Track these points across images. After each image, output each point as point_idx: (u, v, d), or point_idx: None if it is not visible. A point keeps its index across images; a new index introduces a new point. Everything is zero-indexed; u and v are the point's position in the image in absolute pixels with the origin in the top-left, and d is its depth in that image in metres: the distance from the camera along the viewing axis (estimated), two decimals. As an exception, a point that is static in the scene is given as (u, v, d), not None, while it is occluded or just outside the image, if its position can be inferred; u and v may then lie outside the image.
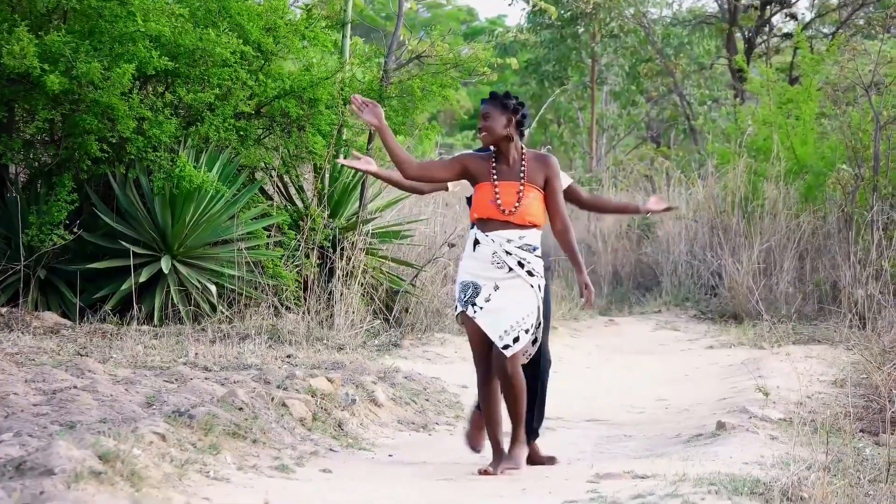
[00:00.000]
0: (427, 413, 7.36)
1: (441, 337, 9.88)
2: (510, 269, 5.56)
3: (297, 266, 9.77)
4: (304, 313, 9.34)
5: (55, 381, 6.63)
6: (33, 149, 9.72)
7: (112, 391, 6.40)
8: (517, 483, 5.47)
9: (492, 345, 5.60)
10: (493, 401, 5.69)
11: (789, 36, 19.13)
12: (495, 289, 5.57)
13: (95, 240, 9.37)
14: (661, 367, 9.95)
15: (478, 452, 6.11)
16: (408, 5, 10.90)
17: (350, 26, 10.84)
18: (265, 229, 9.83)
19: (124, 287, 9.07)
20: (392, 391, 7.40)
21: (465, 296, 5.63)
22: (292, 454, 5.66)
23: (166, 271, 9.20)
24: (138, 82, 9.64)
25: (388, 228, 10.77)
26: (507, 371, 5.56)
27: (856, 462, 5.68)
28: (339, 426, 6.49)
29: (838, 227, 12.12)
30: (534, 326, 5.63)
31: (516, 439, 5.71)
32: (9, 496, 3.92)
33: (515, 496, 5.17)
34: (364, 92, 10.31)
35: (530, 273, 5.58)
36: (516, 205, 5.58)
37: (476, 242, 5.64)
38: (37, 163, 9.72)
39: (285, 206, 10.43)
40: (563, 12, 18.76)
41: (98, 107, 9.02)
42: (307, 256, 9.81)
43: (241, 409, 5.89)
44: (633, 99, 21.44)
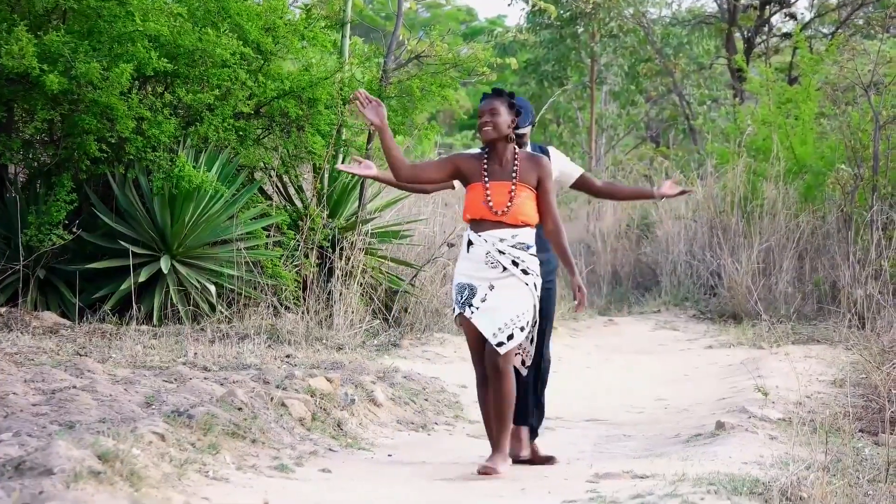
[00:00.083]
0: (426, 413, 7.36)
1: (440, 337, 9.87)
2: (504, 268, 5.53)
3: (296, 266, 9.77)
4: (303, 313, 9.33)
5: (54, 381, 6.63)
6: (32, 149, 9.72)
7: (111, 391, 6.40)
8: (516, 483, 5.47)
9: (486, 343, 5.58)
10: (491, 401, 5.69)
11: (789, 36, 19.13)
12: (490, 289, 5.55)
13: (95, 240, 9.37)
14: (660, 367, 9.95)
15: (521, 461, 6.06)
16: (407, 5, 10.91)
17: (349, 26, 10.85)
18: (264, 229, 9.83)
19: (123, 287, 9.07)
20: (391, 391, 7.40)
21: (461, 297, 5.61)
22: (291, 454, 5.66)
23: (165, 271, 9.20)
24: (137, 82, 9.64)
25: (387, 228, 10.77)
26: (498, 368, 5.53)
27: (855, 462, 5.68)
28: (339, 426, 6.49)
29: (837, 227, 12.12)
30: (529, 325, 5.59)
31: (498, 445, 5.58)
32: (8, 496, 3.92)
33: (515, 496, 5.17)
34: (363, 92, 10.31)
35: (525, 272, 5.55)
36: (508, 204, 5.55)
37: (469, 243, 5.62)
38: (36, 163, 9.72)
39: (284, 206, 10.43)
40: (562, 12, 18.75)
41: (97, 107, 9.01)
42: (306, 256, 9.80)
43: (240, 408, 5.89)
44: (632, 99, 21.43)
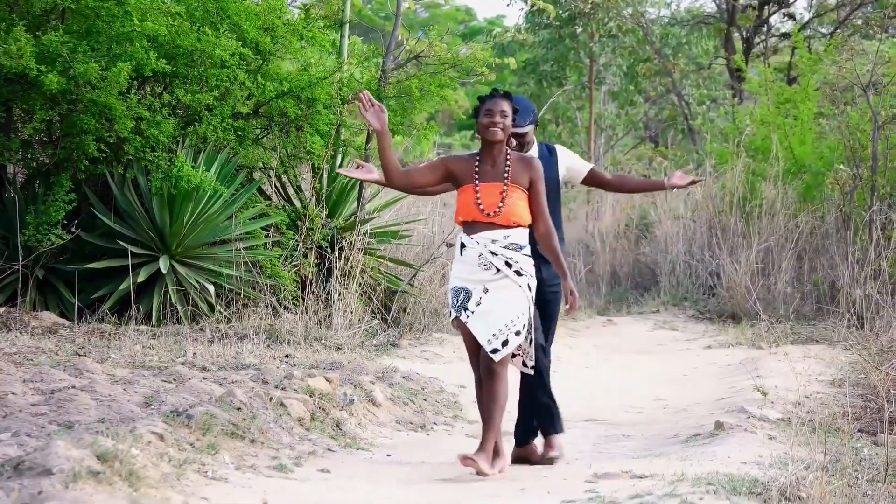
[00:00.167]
0: (425, 413, 7.35)
1: (439, 337, 9.87)
2: (497, 270, 5.51)
3: (295, 266, 9.77)
4: (302, 313, 9.33)
5: (53, 381, 6.62)
6: (31, 149, 9.72)
7: (110, 391, 6.39)
8: (515, 483, 5.47)
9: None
10: None
11: (787, 36, 19.13)
12: (485, 291, 5.53)
13: (94, 240, 9.37)
14: (659, 367, 9.95)
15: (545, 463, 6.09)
16: (406, 5, 10.91)
17: (348, 26, 10.85)
18: (263, 229, 9.82)
19: (122, 287, 9.07)
20: (390, 391, 7.40)
21: (457, 301, 5.59)
22: (290, 454, 5.66)
23: (164, 271, 9.20)
24: (136, 82, 9.64)
25: (386, 228, 10.77)
26: (492, 372, 5.51)
27: (854, 462, 5.68)
28: (338, 426, 6.49)
29: (836, 227, 12.12)
30: (525, 327, 5.57)
31: (483, 444, 5.54)
32: (7, 496, 3.92)
33: (514, 496, 5.17)
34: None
35: (519, 273, 5.53)
36: (500, 205, 5.53)
37: (462, 246, 5.61)
38: (35, 163, 9.71)
39: (283, 205, 10.43)
40: (561, 12, 18.73)
41: (96, 107, 9.01)
42: (305, 256, 9.80)
43: (239, 409, 5.89)
44: (631, 99, 21.41)
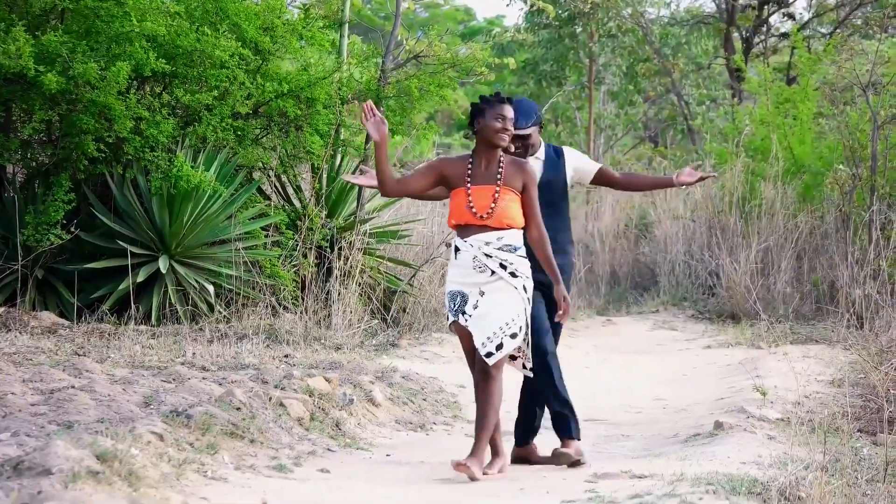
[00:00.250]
0: (424, 413, 7.35)
1: (438, 337, 9.87)
2: (492, 272, 5.50)
3: (294, 266, 9.77)
4: (301, 313, 9.33)
5: (53, 381, 6.62)
6: (30, 149, 9.72)
7: (110, 391, 6.39)
8: (515, 483, 5.47)
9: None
10: None
11: (787, 36, 19.13)
12: (481, 294, 5.52)
13: (93, 239, 9.37)
14: (658, 366, 9.95)
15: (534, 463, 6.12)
16: (405, 5, 10.90)
17: (348, 26, 10.85)
18: (263, 229, 9.82)
19: (122, 287, 9.06)
20: (389, 391, 7.40)
21: (454, 305, 5.60)
22: (290, 454, 5.66)
23: (164, 271, 9.20)
24: (135, 82, 9.64)
25: (385, 228, 10.77)
26: (487, 375, 5.49)
27: (853, 462, 5.69)
28: (337, 426, 6.49)
29: (836, 227, 12.12)
30: (522, 329, 5.54)
31: (476, 448, 5.51)
32: (6, 496, 3.92)
33: (513, 496, 5.17)
34: (362, 92, 10.31)
35: (513, 274, 5.51)
36: (492, 206, 5.51)
37: (456, 250, 5.60)
38: (34, 163, 9.71)
39: (283, 205, 10.42)
40: (560, 12, 18.72)
41: (95, 107, 9.01)
42: (305, 256, 9.80)
43: (238, 408, 5.89)
44: (630, 99, 21.41)
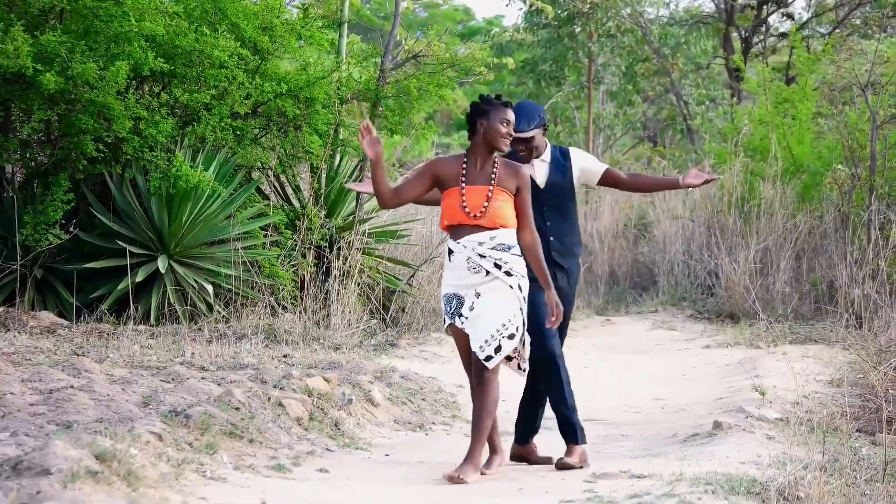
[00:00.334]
0: (423, 413, 7.35)
1: (437, 336, 9.87)
2: (487, 272, 5.47)
3: (293, 266, 9.76)
4: (300, 313, 9.33)
5: (52, 381, 6.62)
6: (29, 148, 9.72)
7: (109, 391, 6.39)
8: (514, 483, 5.47)
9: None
10: None
11: (786, 35, 19.14)
12: (477, 296, 5.49)
13: (92, 239, 9.37)
14: (657, 366, 9.95)
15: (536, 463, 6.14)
16: (404, 5, 10.89)
17: (347, 25, 10.84)
18: (262, 229, 9.82)
19: (121, 287, 9.06)
20: (388, 391, 7.40)
21: (450, 308, 5.56)
22: (289, 454, 5.66)
23: (163, 271, 9.20)
24: (134, 82, 9.64)
25: (384, 228, 10.77)
26: (482, 378, 5.46)
27: (852, 462, 5.69)
28: (336, 426, 6.49)
29: (835, 227, 12.12)
30: (519, 330, 5.51)
31: (471, 453, 5.49)
32: (5, 496, 3.92)
33: (513, 496, 5.17)
34: (361, 92, 10.31)
35: (508, 273, 5.48)
36: (485, 205, 5.48)
37: (450, 252, 5.56)
38: (33, 162, 9.71)
39: (282, 205, 10.42)
40: (559, 12, 18.72)
41: (94, 107, 9.01)
42: (304, 256, 9.80)
43: (237, 408, 5.89)
44: (629, 99, 21.40)
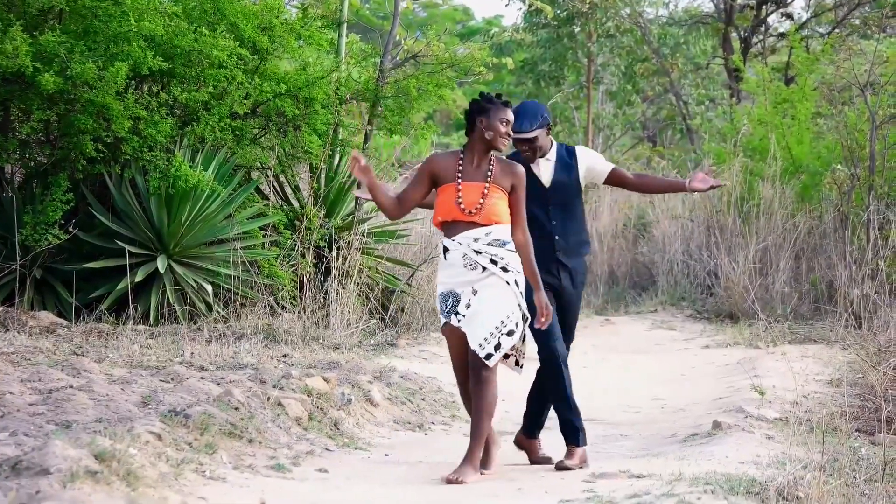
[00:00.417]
0: (423, 412, 7.35)
1: (437, 336, 9.86)
2: (483, 268, 5.43)
3: (292, 266, 9.76)
4: (299, 313, 9.33)
5: (51, 381, 6.62)
6: (29, 148, 9.71)
7: (108, 391, 6.39)
8: (513, 483, 5.47)
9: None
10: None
11: (785, 35, 19.13)
12: (474, 293, 5.44)
13: (91, 239, 9.37)
14: (657, 366, 9.95)
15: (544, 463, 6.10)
16: (404, 5, 10.89)
17: (346, 25, 10.85)
18: (261, 229, 9.82)
19: (120, 287, 9.06)
20: (388, 391, 7.40)
21: (446, 306, 5.50)
22: (288, 454, 5.66)
23: (162, 271, 9.19)
24: (133, 82, 9.63)
25: (383, 228, 10.76)
26: (481, 376, 5.40)
27: (852, 462, 5.69)
28: (335, 426, 6.49)
29: (834, 227, 12.12)
30: (518, 326, 5.46)
31: (470, 456, 5.46)
32: (5, 496, 3.92)
33: (512, 495, 5.17)
34: (360, 91, 10.31)
35: (505, 269, 5.44)
36: (481, 202, 5.44)
37: (445, 250, 5.50)
38: (32, 162, 9.71)
39: (281, 205, 10.42)
40: (559, 12, 18.72)
41: (93, 107, 9.00)
42: (303, 256, 9.80)
43: (237, 408, 5.89)
44: (629, 99, 21.40)
